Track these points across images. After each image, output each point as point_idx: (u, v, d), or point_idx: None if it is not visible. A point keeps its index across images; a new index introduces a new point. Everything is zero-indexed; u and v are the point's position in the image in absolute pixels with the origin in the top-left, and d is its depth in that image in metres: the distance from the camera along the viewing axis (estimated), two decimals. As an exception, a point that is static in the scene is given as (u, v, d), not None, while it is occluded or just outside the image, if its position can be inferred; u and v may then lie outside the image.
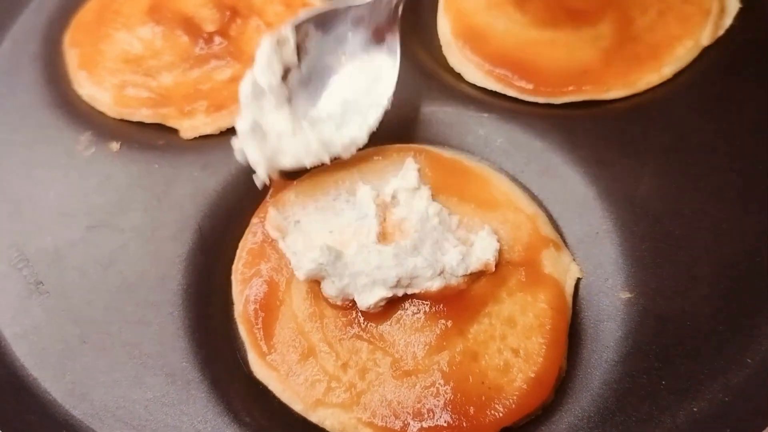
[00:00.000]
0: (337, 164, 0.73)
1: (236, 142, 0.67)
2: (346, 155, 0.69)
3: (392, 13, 0.71)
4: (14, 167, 0.76)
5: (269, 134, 0.66)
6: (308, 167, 0.68)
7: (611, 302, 0.64)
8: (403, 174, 0.69)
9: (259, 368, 0.64)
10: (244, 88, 0.67)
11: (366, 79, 0.71)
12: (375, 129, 0.69)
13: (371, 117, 0.69)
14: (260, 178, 0.66)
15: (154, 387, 0.62)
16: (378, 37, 0.72)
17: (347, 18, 0.71)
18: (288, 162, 0.67)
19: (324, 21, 0.70)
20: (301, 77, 0.70)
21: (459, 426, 0.59)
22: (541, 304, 0.63)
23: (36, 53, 0.85)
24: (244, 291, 0.66)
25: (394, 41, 0.72)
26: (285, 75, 0.69)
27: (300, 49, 0.69)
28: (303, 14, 0.70)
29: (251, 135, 0.65)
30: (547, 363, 0.61)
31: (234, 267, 0.68)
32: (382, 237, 0.66)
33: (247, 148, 0.66)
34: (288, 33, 0.68)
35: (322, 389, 0.61)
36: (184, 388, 0.62)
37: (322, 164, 0.73)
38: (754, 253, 0.65)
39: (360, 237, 0.65)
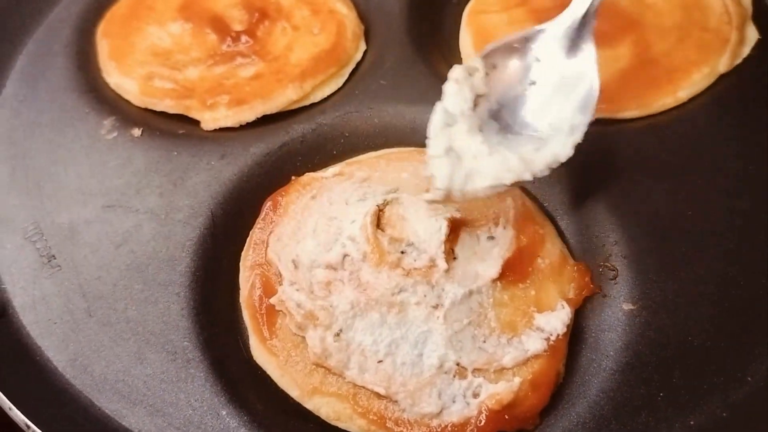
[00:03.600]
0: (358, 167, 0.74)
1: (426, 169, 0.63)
2: (547, 173, 0.63)
3: (588, 19, 0.66)
4: (39, 146, 0.78)
5: (464, 157, 0.62)
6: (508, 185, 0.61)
7: (613, 313, 0.64)
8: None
9: (259, 353, 0.64)
10: (435, 118, 0.63)
11: (561, 99, 0.66)
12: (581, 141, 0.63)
13: (577, 133, 0.63)
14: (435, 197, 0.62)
15: (154, 363, 0.63)
16: (571, 50, 0.66)
17: (536, 44, 0.67)
18: (485, 182, 0.61)
19: (512, 51, 0.67)
20: (491, 109, 0.66)
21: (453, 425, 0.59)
22: (544, 309, 0.64)
23: (69, 41, 0.88)
24: (251, 277, 0.67)
25: (590, 48, 0.65)
26: (474, 106, 0.65)
27: (488, 81, 0.66)
28: (491, 45, 0.67)
29: (445, 157, 0.61)
30: (545, 367, 0.61)
31: (243, 254, 0.69)
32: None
33: (437, 170, 0.61)
34: (477, 63, 0.66)
35: (319, 377, 0.62)
36: (183, 366, 0.63)
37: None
38: (759, 275, 0.65)
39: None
